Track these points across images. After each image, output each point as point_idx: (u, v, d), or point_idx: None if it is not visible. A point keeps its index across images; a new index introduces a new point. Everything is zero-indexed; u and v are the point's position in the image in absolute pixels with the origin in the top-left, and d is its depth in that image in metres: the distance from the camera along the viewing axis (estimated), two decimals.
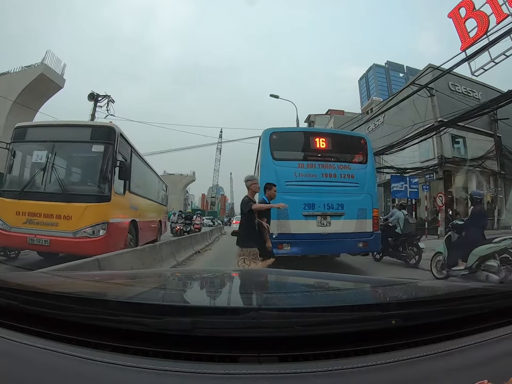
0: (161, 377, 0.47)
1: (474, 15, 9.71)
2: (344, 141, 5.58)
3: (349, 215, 4.77)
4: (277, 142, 5.04)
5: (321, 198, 4.79)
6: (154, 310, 0.60)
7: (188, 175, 60.41)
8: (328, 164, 5.02)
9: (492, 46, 8.98)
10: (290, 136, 5.46)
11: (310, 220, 4.75)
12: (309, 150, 5.14)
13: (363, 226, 4.81)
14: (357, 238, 4.78)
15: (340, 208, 4.81)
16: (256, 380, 0.47)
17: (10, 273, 1.57)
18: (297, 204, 4.64)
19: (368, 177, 5.03)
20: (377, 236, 5.08)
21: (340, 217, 4.82)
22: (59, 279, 1.10)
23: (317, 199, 4.78)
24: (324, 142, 5.12)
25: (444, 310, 0.64)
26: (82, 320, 0.59)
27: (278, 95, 15.14)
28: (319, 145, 5.11)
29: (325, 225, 4.79)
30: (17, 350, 0.53)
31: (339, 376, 0.48)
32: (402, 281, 1.16)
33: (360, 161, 5.25)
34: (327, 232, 4.73)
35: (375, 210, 4.96)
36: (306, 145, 5.19)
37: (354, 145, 5.44)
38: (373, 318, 0.59)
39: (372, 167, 5.26)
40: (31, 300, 0.63)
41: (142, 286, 1.06)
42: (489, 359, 0.54)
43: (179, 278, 1.36)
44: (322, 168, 4.93)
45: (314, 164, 4.95)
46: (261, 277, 1.45)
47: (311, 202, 4.76)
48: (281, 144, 5.11)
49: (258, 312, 0.56)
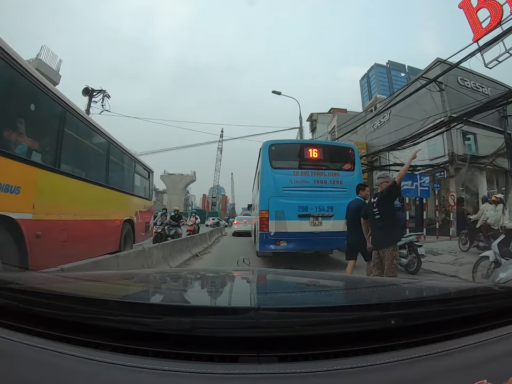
0: (161, 377, 0.47)
1: (487, 5, 9.18)
2: (334, 151, 6.45)
3: (337, 216, 5.27)
4: (275, 152, 5.78)
5: (313, 201, 5.53)
6: (154, 310, 0.60)
7: (188, 175, 60.39)
8: (320, 171, 5.78)
9: (506, 36, 8.33)
10: (287, 148, 6.23)
11: (304, 220, 5.48)
12: (303, 160, 5.86)
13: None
14: (345, 236, 5.09)
15: (330, 210, 5.56)
16: (256, 379, 0.47)
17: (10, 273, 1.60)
18: (293, 207, 5.43)
19: (355, 182, 5.37)
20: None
21: (330, 218, 5.55)
22: (59, 279, 1.10)
23: (310, 202, 5.52)
24: (316, 152, 5.90)
25: (444, 310, 0.64)
26: (82, 320, 0.59)
27: (280, 92, 15.00)
28: (312, 155, 5.87)
29: (316, 224, 5.53)
30: (17, 350, 0.53)
31: (339, 376, 0.48)
32: (402, 281, 1.16)
33: (349, 168, 5.98)
34: (319, 231, 5.48)
35: None
36: (301, 155, 5.92)
37: (343, 154, 6.20)
38: (372, 318, 0.59)
39: (359, 173, 6.03)
40: (31, 300, 0.63)
41: (142, 286, 1.07)
42: (489, 359, 0.54)
43: (179, 278, 1.36)
44: (315, 176, 5.70)
45: (307, 172, 5.70)
46: (261, 277, 1.45)
47: (305, 205, 5.50)
48: (279, 154, 5.85)
49: (258, 312, 0.56)
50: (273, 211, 5.40)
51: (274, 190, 5.49)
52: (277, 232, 5.36)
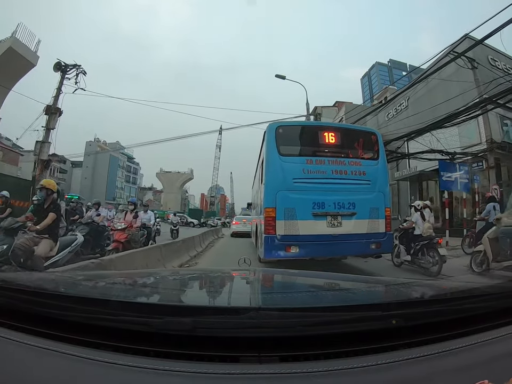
0: (162, 377, 0.47)
1: None
2: (354, 135, 5.21)
3: (360, 215, 4.52)
4: (283, 136, 4.73)
5: (331, 196, 4.50)
6: (155, 310, 0.60)
7: (185, 173, 58.46)
8: (338, 160, 4.72)
9: None
10: (297, 131, 5.13)
11: (320, 220, 4.45)
12: (318, 145, 4.82)
13: (375, 227, 4.60)
14: (369, 239, 4.56)
15: (352, 207, 4.54)
16: (257, 380, 0.47)
17: (10, 273, 1.58)
18: (306, 203, 4.41)
19: (380, 174, 4.80)
20: (390, 236, 4.91)
21: (352, 217, 4.55)
22: (59, 279, 1.10)
23: (327, 197, 4.49)
24: (333, 137, 4.83)
25: (444, 310, 0.64)
26: (83, 320, 0.59)
27: (284, 76, 13.00)
28: (328, 139, 4.81)
29: (335, 225, 4.50)
30: (17, 350, 0.53)
31: (339, 376, 0.48)
32: (403, 281, 1.16)
33: (372, 157, 4.94)
34: (338, 233, 4.44)
35: (387, 210, 4.77)
36: (315, 140, 4.86)
37: (365, 140, 5.05)
38: (373, 318, 0.60)
39: (384, 163, 4.98)
40: (31, 300, 0.63)
41: (143, 286, 1.07)
42: (489, 359, 0.54)
43: (180, 278, 1.36)
44: (332, 165, 4.64)
45: (323, 160, 4.64)
46: (262, 277, 1.45)
47: (321, 201, 4.47)
48: (288, 139, 4.84)
49: (258, 312, 0.57)
50: (281, 208, 4.35)
51: (283, 182, 4.44)
52: (286, 235, 4.31)
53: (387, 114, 14.19)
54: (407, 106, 13.14)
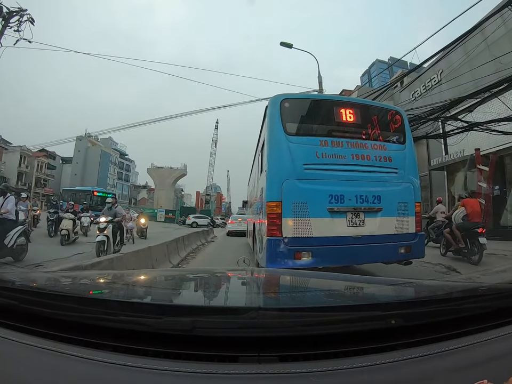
0: (162, 377, 0.47)
1: None
2: (376, 113, 4.16)
3: (387, 211, 3.60)
4: (290, 112, 3.76)
5: (352, 187, 3.55)
6: (155, 310, 0.60)
7: (178, 169, 53.75)
8: (359, 142, 3.74)
9: None
10: (307, 105, 4.05)
11: (337, 218, 3.47)
12: (333, 124, 3.85)
13: (404, 226, 3.67)
14: (398, 241, 3.61)
15: (377, 201, 3.58)
16: (256, 379, 0.47)
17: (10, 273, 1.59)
18: (321, 196, 3.44)
19: (408, 161, 3.89)
20: (422, 238, 3.95)
21: (377, 213, 3.59)
22: (59, 279, 1.10)
23: (346, 188, 3.53)
24: (351, 114, 3.86)
25: (444, 310, 0.64)
26: (82, 320, 0.59)
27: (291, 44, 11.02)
28: (346, 117, 3.84)
29: (357, 224, 3.52)
30: (17, 350, 0.53)
31: (339, 376, 0.48)
32: (403, 281, 1.16)
33: (398, 140, 4.01)
34: (361, 235, 3.48)
35: (417, 205, 3.83)
36: (330, 117, 3.88)
37: (388, 120, 4.11)
38: (373, 317, 0.60)
39: (412, 148, 4.05)
40: (31, 300, 0.63)
41: (143, 286, 1.06)
42: (489, 359, 0.54)
43: (179, 278, 1.36)
44: (352, 148, 3.66)
45: (341, 142, 3.65)
46: (261, 277, 1.45)
47: (339, 193, 3.49)
48: (296, 115, 3.88)
49: (258, 312, 0.56)
50: (289, 203, 3.35)
51: (291, 168, 3.44)
52: (295, 237, 3.31)
53: (412, 94, 12.04)
54: (439, 80, 10.88)
